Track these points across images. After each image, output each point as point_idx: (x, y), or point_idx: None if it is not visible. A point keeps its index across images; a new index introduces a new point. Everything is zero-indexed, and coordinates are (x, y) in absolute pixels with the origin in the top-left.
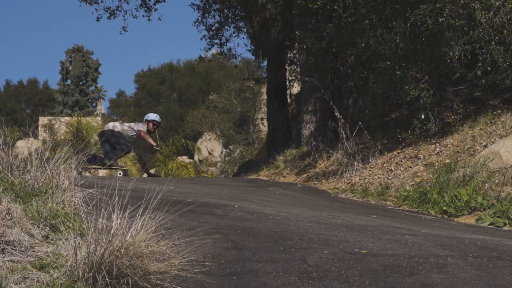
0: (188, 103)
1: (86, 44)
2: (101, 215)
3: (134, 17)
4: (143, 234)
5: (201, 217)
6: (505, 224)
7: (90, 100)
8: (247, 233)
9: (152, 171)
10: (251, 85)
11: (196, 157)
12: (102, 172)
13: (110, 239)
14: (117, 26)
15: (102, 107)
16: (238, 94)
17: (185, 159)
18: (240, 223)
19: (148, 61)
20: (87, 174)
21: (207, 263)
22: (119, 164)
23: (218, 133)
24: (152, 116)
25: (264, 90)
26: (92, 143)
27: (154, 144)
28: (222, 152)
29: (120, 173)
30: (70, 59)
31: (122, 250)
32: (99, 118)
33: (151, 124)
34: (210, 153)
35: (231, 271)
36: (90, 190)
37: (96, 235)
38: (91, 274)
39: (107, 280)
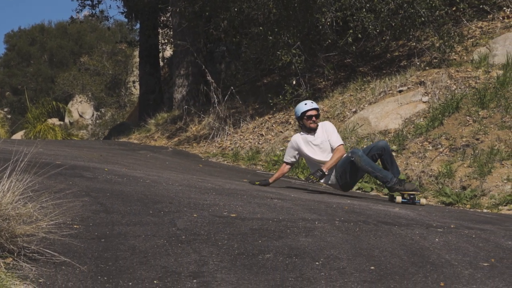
0: (59, 64)
1: None
2: None
3: None
4: (10, 197)
5: (70, 179)
6: (372, 189)
7: None
8: (117, 196)
9: (21, 133)
10: (123, 48)
11: (66, 120)
12: None
13: None
14: None
15: None
16: (110, 56)
17: (55, 121)
18: (109, 186)
19: (18, 22)
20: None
21: (75, 226)
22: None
23: (90, 95)
24: (301, 107)
25: (136, 53)
26: None
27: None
28: (93, 115)
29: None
30: None
31: None
32: None
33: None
34: (81, 116)
35: (99, 234)
36: None
37: None
38: None
39: None
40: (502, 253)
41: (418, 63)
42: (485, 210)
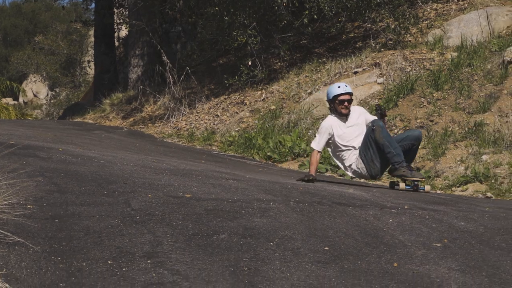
0: (14, 44)
1: None
2: None
3: None
4: None
5: (24, 159)
6: (327, 170)
7: None
8: (71, 176)
9: None
10: (78, 27)
11: (21, 99)
12: None
13: None
14: None
15: None
16: (65, 36)
17: (9, 101)
18: (64, 166)
19: None
20: None
21: (29, 206)
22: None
23: (44, 75)
24: (333, 90)
25: (91, 32)
26: None
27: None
28: (48, 95)
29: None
30: None
31: None
32: None
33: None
34: (35, 95)
35: (53, 214)
36: None
37: None
38: None
39: None
40: (455, 233)
41: (373, 45)
42: (438, 191)
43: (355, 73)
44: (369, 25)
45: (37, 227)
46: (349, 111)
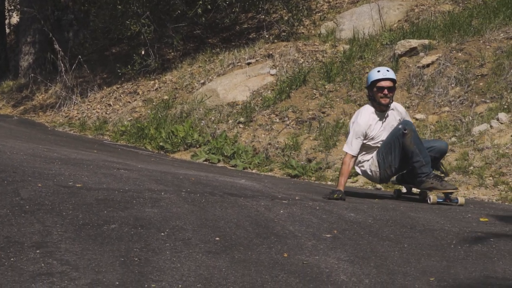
0: None
1: None
2: None
3: None
4: None
5: None
6: (219, 161)
7: None
8: None
9: None
10: None
11: None
12: None
13: None
14: None
15: None
16: None
17: None
18: None
19: None
20: None
21: None
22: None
23: None
24: (372, 74)
25: None
26: None
27: None
28: None
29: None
30: None
31: None
32: None
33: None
34: None
35: None
36: None
37: None
38: None
39: None
40: (345, 224)
41: (266, 36)
42: (329, 183)
43: (248, 64)
44: (263, 17)
45: None
46: (390, 101)
